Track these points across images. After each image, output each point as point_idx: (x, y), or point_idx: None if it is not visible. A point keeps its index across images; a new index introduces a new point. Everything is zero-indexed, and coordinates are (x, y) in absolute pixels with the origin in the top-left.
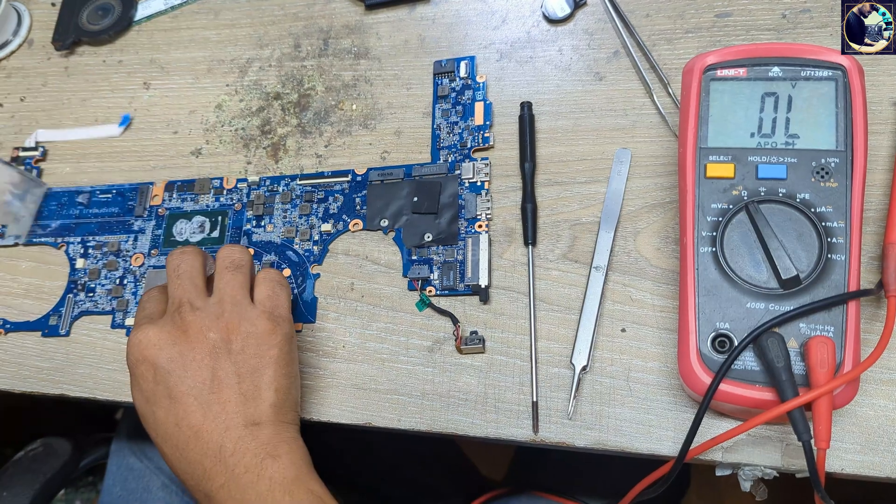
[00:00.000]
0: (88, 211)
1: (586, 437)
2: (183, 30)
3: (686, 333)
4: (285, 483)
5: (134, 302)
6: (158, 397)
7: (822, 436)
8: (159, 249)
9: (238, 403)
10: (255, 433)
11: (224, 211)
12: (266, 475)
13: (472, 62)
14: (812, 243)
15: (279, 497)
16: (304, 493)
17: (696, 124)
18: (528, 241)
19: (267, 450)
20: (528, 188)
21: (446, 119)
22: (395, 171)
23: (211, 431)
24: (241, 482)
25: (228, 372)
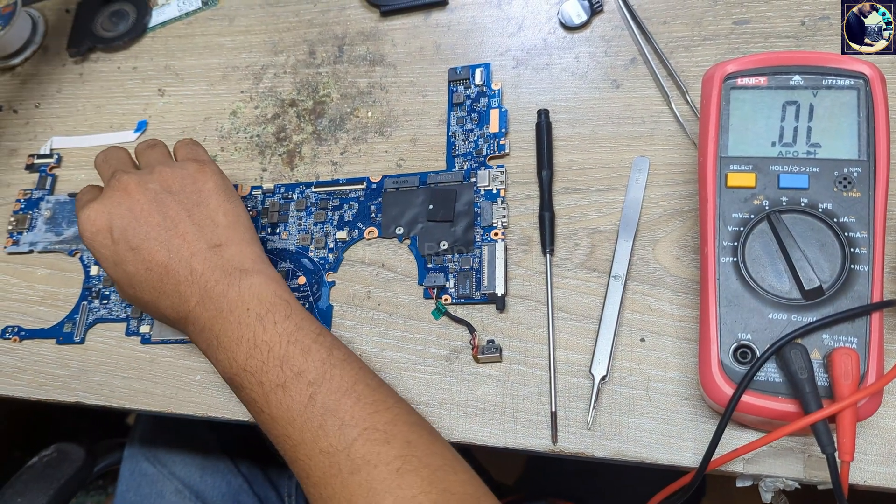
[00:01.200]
0: None
1: (606, 447)
2: (197, 36)
3: (707, 344)
4: (254, 289)
5: None
6: (122, 254)
7: (846, 448)
8: None
9: (195, 233)
10: (220, 252)
11: None
12: (235, 284)
13: (488, 69)
14: (835, 253)
15: (248, 301)
16: (271, 296)
17: (716, 133)
18: (546, 250)
19: (233, 264)
20: (545, 196)
21: (461, 126)
22: (411, 179)
23: (179, 261)
24: (214, 294)
25: (177, 209)
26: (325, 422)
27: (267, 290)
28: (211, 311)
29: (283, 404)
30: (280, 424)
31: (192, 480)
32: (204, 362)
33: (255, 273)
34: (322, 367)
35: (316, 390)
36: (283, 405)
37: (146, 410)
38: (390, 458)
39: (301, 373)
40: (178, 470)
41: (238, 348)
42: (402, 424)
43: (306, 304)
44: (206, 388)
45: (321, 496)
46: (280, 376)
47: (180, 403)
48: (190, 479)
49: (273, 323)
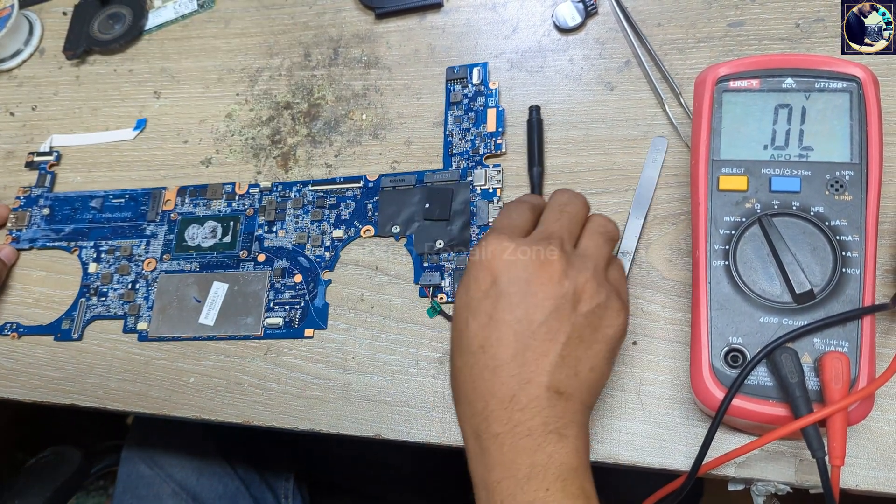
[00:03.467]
0: (101, 216)
1: (597, 451)
2: (193, 39)
3: (698, 347)
4: (562, 469)
5: (147, 307)
6: (481, 310)
7: (836, 452)
8: (171, 254)
9: (554, 364)
10: (554, 402)
11: (236, 216)
12: (547, 450)
13: (485, 68)
14: (826, 257)
15: (551, 480)
16: (576, 487)
17: (708, 136)
18: None
19: (557, 424)
20: (536, 192)
21: (458, 126)
22: (407, 178)
23: (512, 375)
24: (519, 443)
25: (563, 328)
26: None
27: (573, 474)
28: (507, 457)
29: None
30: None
31: (189, 483)
32: (198, 365)
33: (573, 440)
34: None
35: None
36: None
37: (141, 413)
38: None
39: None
40: (175, 472)
41: None
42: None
43: (302, 303)
44: (199, 390)
45: None
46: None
47: (174, 406)
48: (187, 482)
49: None
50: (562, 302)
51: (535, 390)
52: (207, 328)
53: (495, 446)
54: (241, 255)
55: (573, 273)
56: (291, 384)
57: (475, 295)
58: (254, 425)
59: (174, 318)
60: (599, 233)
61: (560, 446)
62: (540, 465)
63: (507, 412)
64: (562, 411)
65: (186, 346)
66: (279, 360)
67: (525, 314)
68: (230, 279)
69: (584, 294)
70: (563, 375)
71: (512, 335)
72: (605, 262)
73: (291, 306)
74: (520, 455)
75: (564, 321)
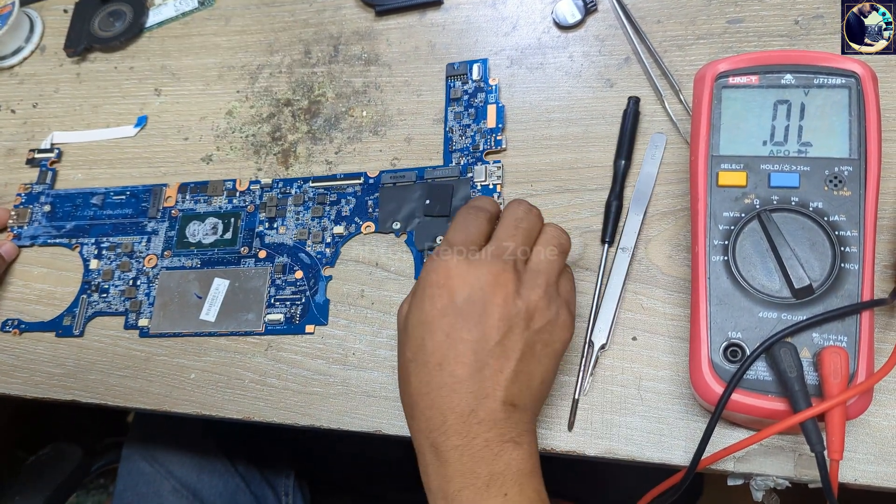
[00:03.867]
0: (102, 213)
1: (597, 445)
2: (194, 36)
3: (698, 343)
4: (519, 475)
5: (148, 303)
6: (438, 328)
7: (835, 447)
8: (172, 251)
9: (509, 379)
10: (509, 413)
11: (237, 213)
12: (504, 458)
13: (485, 65)
14: (825, 252)
15: (510, 485)
16: (531, 490)
17: (707, 132)
18: (606, 239)
19: (512, 434)
20: (617, 186)
21: (458, 122)
22: (408, 174)
23: (470, 391)
24: (478, 453)
25: (516, 346)
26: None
27: (528, 478)
28: (467, 466)
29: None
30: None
31: (190, 480)
32: (199, 361)
33: (527, 447)
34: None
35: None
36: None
37: (141, 409)
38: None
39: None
40: (175, 469)
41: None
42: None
43: (303, 299)
44: (200, 386)
45: None
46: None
47: (175, 402)
48: (187, 479)
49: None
50: (516, 321)
51: (493, 404)
52: (209, 324)
53: (455, 457)
54: (242, 252)
55: (526, 292)
56: (292, 380)
57: (431, 312)
58: (254, 421)
59: (175, 314)
60: (553, 245)
61: (516, 454)
62: (499, 472)
63: (465, 426)
64: (516, 422)
65: (187, 343)
66: (280, 357)
67: (482, 334)
68: (231, 275)
69: (537, 312)
70: (517, 389)
71: (470, 353)
72: (556, 275)
73: (292, 302)
74: (479, 464)
75: (518, 339)
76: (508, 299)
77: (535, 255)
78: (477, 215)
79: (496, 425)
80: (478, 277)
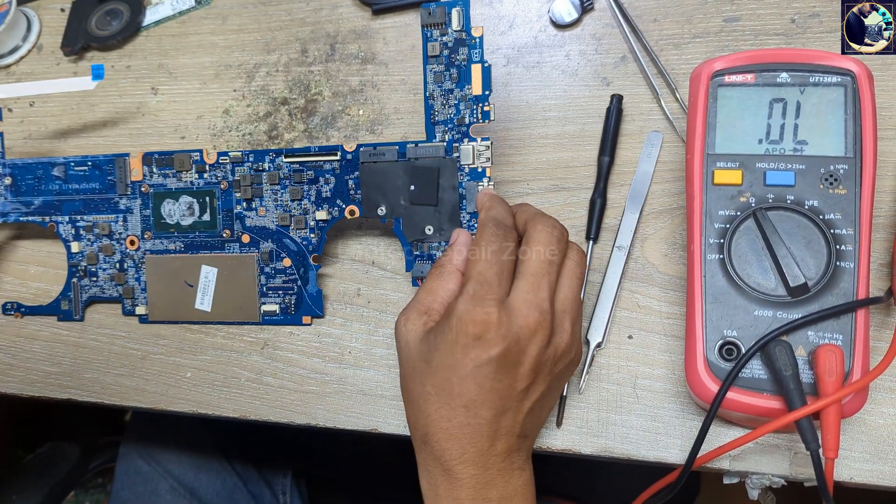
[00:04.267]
0: (68, 187)
1: (593, 444)
2: (191, 35)
3: (693, 341)
4: (524, 497)
5: (141, 289)
6: (467, 375)
7: (830, 445)
8: (152, 232)
9: (526, 415)
10: (520, 444)
11: (211, 191)
12: (513, 483)
13: (467, 7)
14: (820, 250)
15: None
16: None
17: (703, 130)
18: (591, 236)
19: (520, 461)
20: (600, 183)
21: (439, 85)
22: (388, 152)
23: (493, 430)
24: (491, 481)
25: (539, 388)
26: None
27: (531, 499)
28: (480, 493)
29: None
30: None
31: (187, 479)
32: (195, 359)
33: (528, 472)
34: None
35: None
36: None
37: (137, 407)
38: None
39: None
40: (172, 468)
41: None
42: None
43: (295, 288)
44: (196, 384)
45: None
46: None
47: (171, 400)
48: (185, 478)
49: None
50: (543, 368)
51: (510, 439)
52: (205, 314)
53: (469, 483)
54: (225, 235)
55: (556, 339)
56: (288, 378)
57: (463, 360)
58: (251, 420)
59: (170, 303)
60: (577, 277)
61: (522, 479)
62: (507, 496)
63: (483, 457)
64: (524, 450)
65: (183, 341)
66: (276, 355)
67: (511, 382)
68: (218, 262)
69: (562, 357)
70: (530, 422)
71: (498, 399)
72: (580, 308)
73: (285, 292)
74: (491, 490)
75: (542, 382)
76: (541, 350)
77: (562, 292)
78: (504, 238)
79: (509, 455)
80: (514, 332)
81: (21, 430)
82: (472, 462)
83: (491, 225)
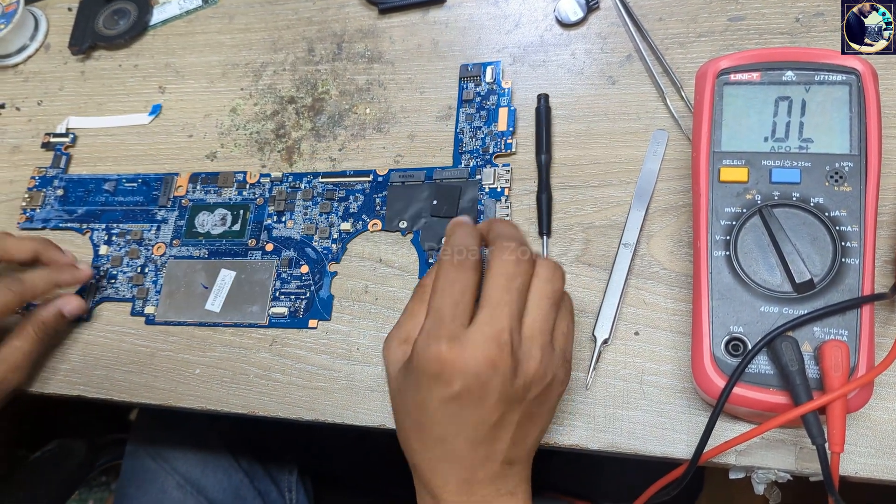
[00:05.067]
0: (114, 199)
1: (600, 439)
2: (198, 34)
3: (700, 337)
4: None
5: (155, 291)
6: (435, 413)
7: (836, 439)
8: (181, 240)
9: (508, 444)
10: (507, 471)
11: (246, 205)
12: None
13: (498, 67)
14: (826, 247)
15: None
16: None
17: (709, 129)
18: (543, 232)
19: (510, 486)
20: (543, 179)
21: (469, 123)
22: (416, 174)
23: (471, 461)
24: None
25: (514, 418)
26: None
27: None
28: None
29: None
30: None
31: (194, 475)
32: (203, 356)
33: (522, 496)
34: None
35: None
36: None
37: (147, 404)
38: None
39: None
40: (179, 465)
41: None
42: None
43: (308, 294)
44: (205, 381)
45: None
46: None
47: (180, 397)
48: (191, 474)
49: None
50: (513, 398)
51: (493, 466)
52: (213, 314)
53: None
54: (250, 244)
55: (523, 368)
56: (296, 375)
57: (428, 400)
58: (259, 416)
59: (181, 303)
60: (546, 297)
61: (512, 503)
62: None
63: (467, 485)
64: (514, 476)
65: (192, 338)
66: (284, 352)
67: (481, 416)
68: (238, 267)
69: (533, 383)
70: (515, 450)
71: (471, 431)
72: (552, 327)
73: (297, 296)
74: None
75: (516, 412)
76: (506, 382)
77: (529, 316)
78: (461, 268)
79: (495, 481)
80: (473, 366)
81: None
82: (457, 490)
83: (448, 254)
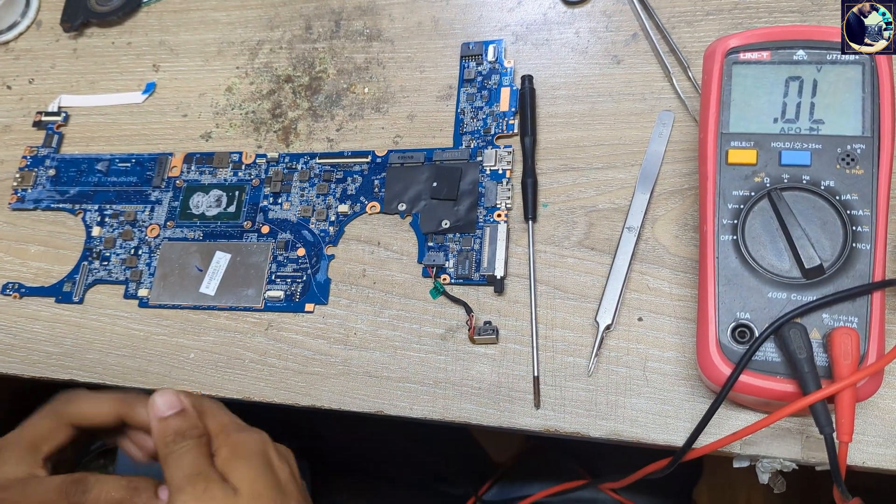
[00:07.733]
0: (107, 179)
1: (601, 427)
2: (192, 11)
3: (705, 323)
4: None
5: (149, 273)
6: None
7: (844, 429)
8: (175, 222)
9: None
10: None
11: (242, 186)
12: None
13: (500, 45)
14: (836, 232)
15: None
16: None
17: (717, 109)
18: (529, 216)
19: None
20: (528, 162)
21: (471, 104)
22: (416, 155)
23: None
24: None
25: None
26: None
27: None
28: None
29: None
30: None
31: None
32: (198, 340)
33: None
34: None
35: None
36: None
37: (140, 388)
38: None
39: None
40: None
41: None
42: None
43: (304, 277)
44: (199, 365)
45: None
46: None
47: (174, 381)
48: None
49: None
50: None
51: None
52: (208, 298)
53: None
54: (245, 226)
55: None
56: (292, 360)
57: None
58: (254, 401)
59: (175, 286)
60: (254, 456)
61: None
62: None
63: None
64: None
65: (186, 322)
66: (280, 336)
67: None
68: (233, 249)
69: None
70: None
71: None
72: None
73: (293, 280)
74: None
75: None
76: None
77: (242, 478)
78: (193, 448)
79: None
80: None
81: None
82: None
83: None
